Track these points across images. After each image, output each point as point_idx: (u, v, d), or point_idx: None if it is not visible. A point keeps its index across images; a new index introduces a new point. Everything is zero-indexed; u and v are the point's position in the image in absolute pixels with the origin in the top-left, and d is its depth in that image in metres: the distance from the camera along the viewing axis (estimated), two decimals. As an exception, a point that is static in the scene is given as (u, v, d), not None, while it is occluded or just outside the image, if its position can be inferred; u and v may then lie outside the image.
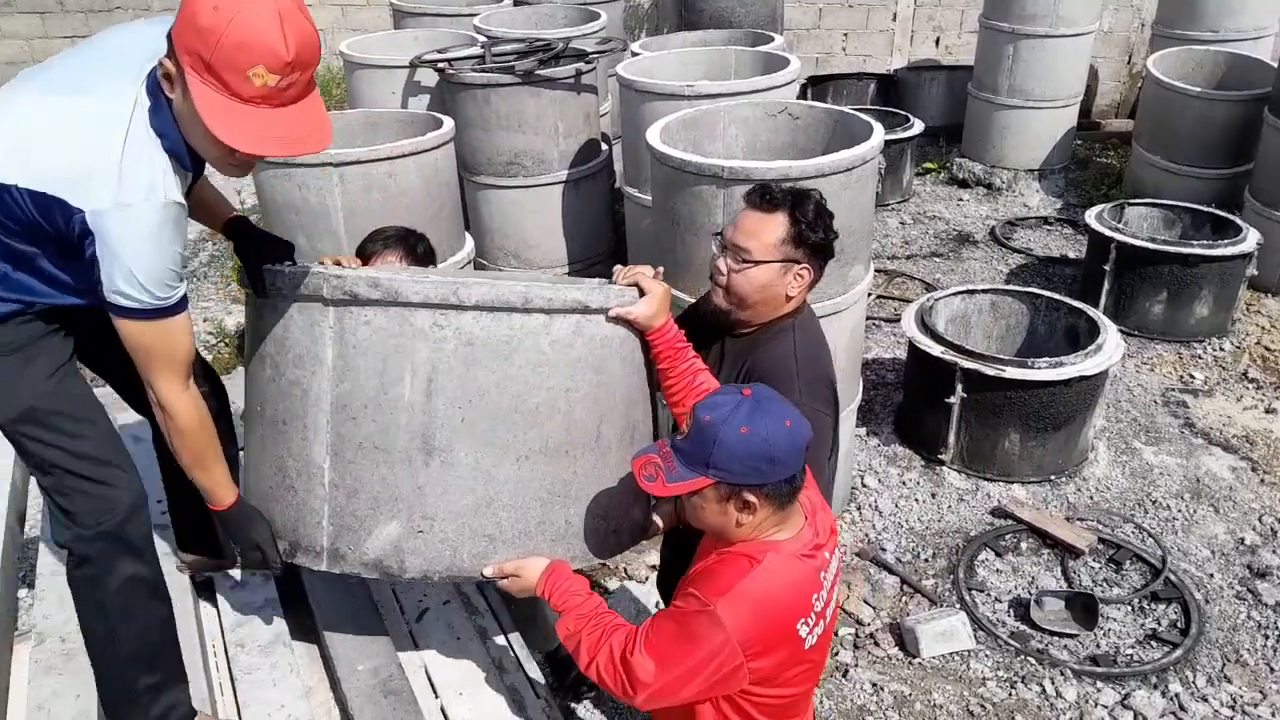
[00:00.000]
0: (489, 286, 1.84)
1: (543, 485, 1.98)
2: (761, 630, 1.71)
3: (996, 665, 3.36)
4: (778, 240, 2.11)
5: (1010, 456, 4.21)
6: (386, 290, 1.83)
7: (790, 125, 3.70)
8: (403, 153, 3.97)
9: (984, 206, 7.27)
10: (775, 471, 1.69)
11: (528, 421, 1.93)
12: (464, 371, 1.86)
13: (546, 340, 1.90)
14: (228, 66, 1.60)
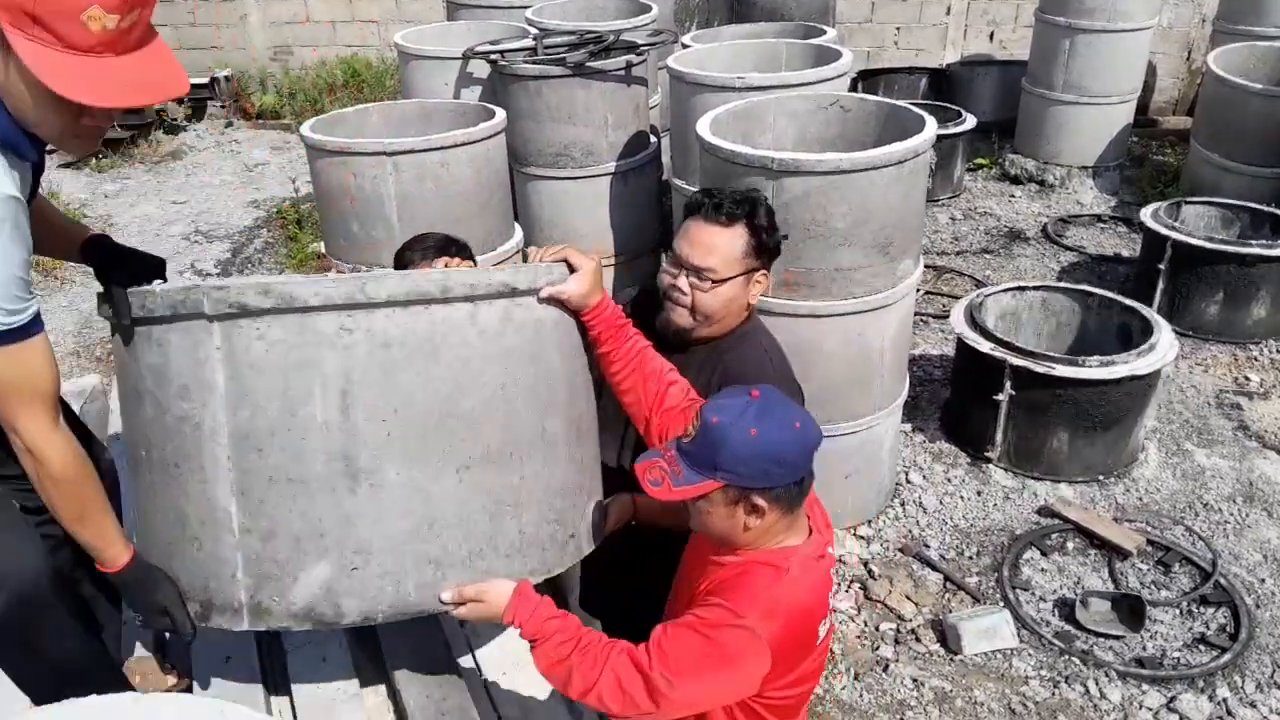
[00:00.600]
0: (400, 278, 1.64)
1: (489, 496, 1.77)
2: (793, 639, 1.71)
3: (1040, 664, 3.34)
4: (740, 254, 2.09)
5: (1058, 455, 4.17)
6: (280, 296, 1.56)
7: (841, 118, 3.69)
8: (455, 142, 4.02)
9: (1036, 203, 7.18)
10: (784, 474, 1.66)
11: (464, 426, 1.71)
12: (383, 379, 1.63)
13: (474, 331, 1.69)
14: (57, 12, 1.38)
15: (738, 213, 2.09)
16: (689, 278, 2.09)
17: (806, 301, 3.36)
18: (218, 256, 6.64)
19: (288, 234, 6.87)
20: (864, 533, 3.94)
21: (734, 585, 1.71)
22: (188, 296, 1.60)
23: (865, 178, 3.15)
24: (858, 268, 3.29)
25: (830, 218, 3.17)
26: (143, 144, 8.69)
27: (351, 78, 9.54)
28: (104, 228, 6.95)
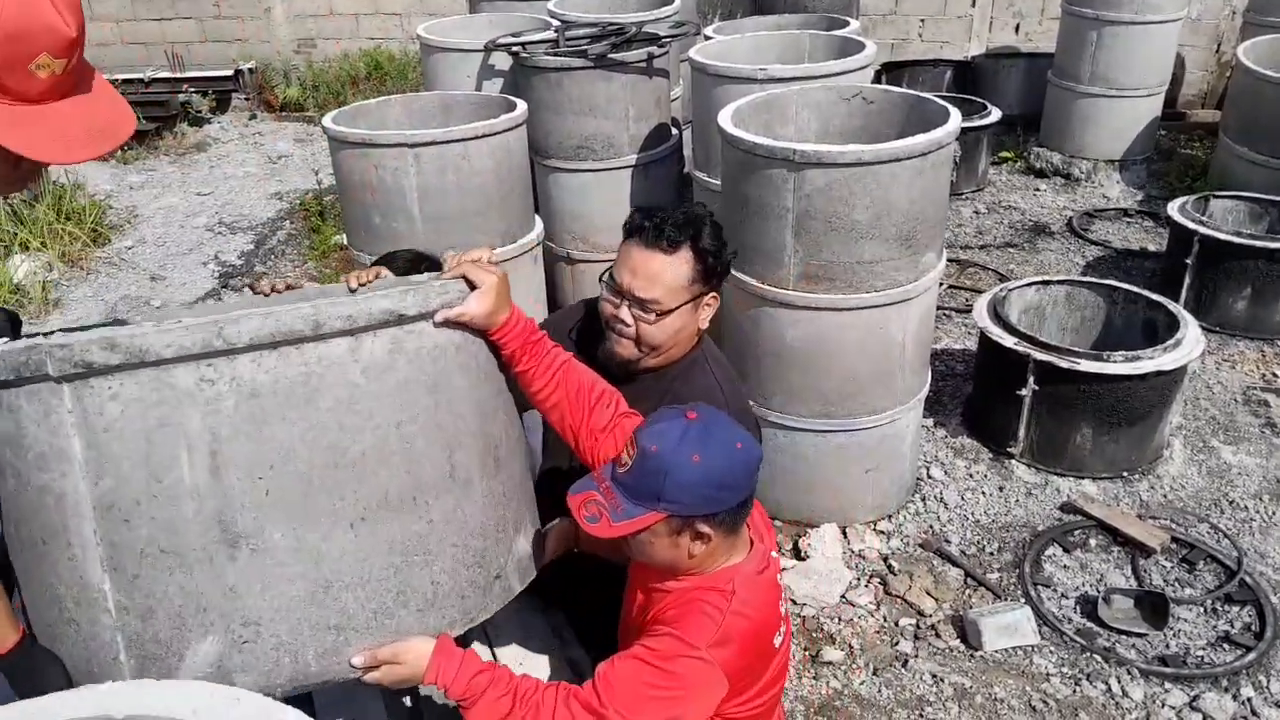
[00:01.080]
0: (263, 317, 1.42)
1: (392, 548, 1.59)
2: (747, 659, 1.68)
3: (1061, 661, 3.31)
4: (686, 281, 1.95)
5: (1082, 451, 4.13)
6: (129, 350, 1.39)
7: (864, 110, 3.66)
8: (476, 134, 4.02)
9: (1061, 197, 7.11)
10: (728, 498, 1.61)
11: (355, 475, 1.54)
12: (255, 432, 1.46)
13: (357, 369, 1.51)
14: (6, 67, 1.31)
15: (680, 238, 1.93)
16: (632, 309, 1.96)
17: (828, 295, 3.34)
18: (241, 248, 6.68)
19: (310, 226, 6.91)
20: (884, 528, 3.92)
21: (682, 615, 1.65)
22: (29, 357, 1.41)
23: (888, 170, 3.12)
24: (880, 261, 3.26)
25: (852, 210, 3.15)
26: (167, 136, 8.76)
27: (374, 70, 9.57)
28: (129, 219, 7.02)
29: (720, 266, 2.00)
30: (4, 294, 5.56)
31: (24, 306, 5.64)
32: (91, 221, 6.49)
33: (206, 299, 5.95)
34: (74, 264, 6.20)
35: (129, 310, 5.72)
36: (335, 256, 6.41)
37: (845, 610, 3.55)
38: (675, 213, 1.98)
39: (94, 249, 6.40)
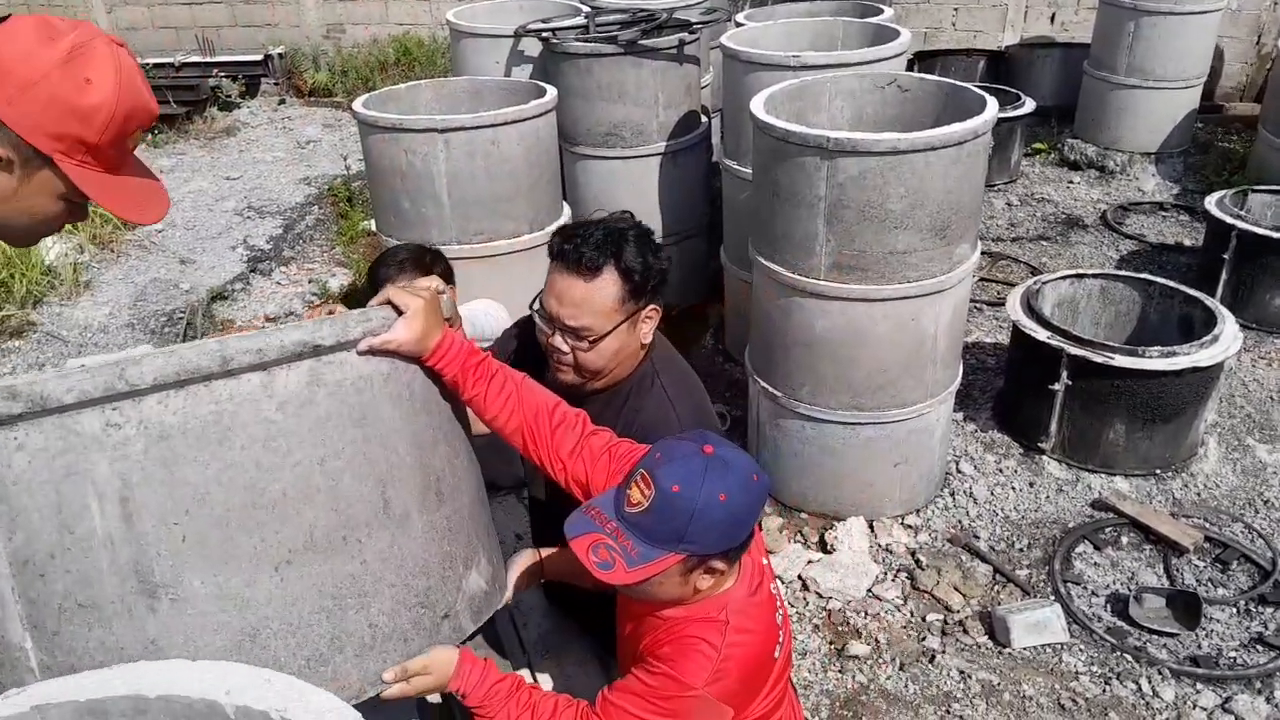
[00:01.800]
0: (166, 356, 1.36)
1: (323, 591, 1.53)
2: (747, 682, 1.65)
3: (1091, 660, 3.26)
4: (614, 303, 1.87)
5: (1114, 448, 4.07)
6: (30, 398, 1.33)
7: (899, 98, 3.62)
8: (506, 120, 4.00)
9: (1095, 190, 7.01)
10: (743, 532, 1.57)
11: (276, 516, 1.47)
12: (167, 476, 1.40)
13: (272, 405, 1.45)
14: (115, 141, 1.41)
15: (600, 259, 1.85)
16: (566, 337, 1.90)
17: (859, 285, 3.30)
18: (270, 233, 6.70)
19: (339, 211, 6.93)
20: (912, 522, 3.88)
21: (677, 653, 1.60)
22: None
23: (923, 159, 3.08)
24: (913, 251, 3.22)
25: (886, 199, 3.11)
26: (197, 120, 8.81)
27: (403, 56, 9.58)
28: (159, 202, 7.05)
29: (652, 280, 1.91)
30: (35, 275, 5.61)
31: (55, 288, 5.69)
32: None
33: (235, 283, 5.97)
34: (105, 246, 6.25)
35: (158, 294, 5.76)
36: (363, 242, 6.42)
37: (872, 604, 3.52)
38: (594, 232, 1.90)
39: (124, 232, 6.45)
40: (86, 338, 5.32)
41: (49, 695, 1.21)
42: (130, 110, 1.40)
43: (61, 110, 1.36)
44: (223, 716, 1.19)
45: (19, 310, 5.38)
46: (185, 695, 1.19)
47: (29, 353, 5.16)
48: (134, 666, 1.25)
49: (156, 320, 5.51)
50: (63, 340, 5.28)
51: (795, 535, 3.83)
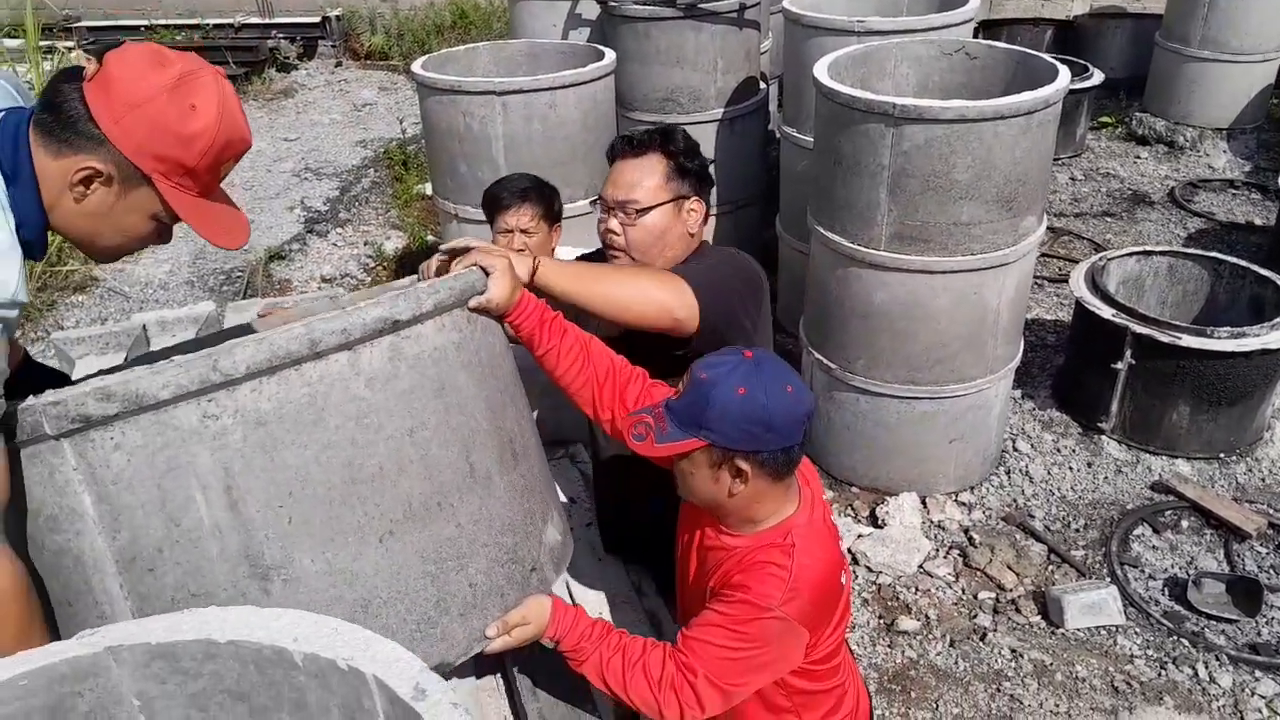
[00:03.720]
0: (256, 344, 1.37)
1: (425, 557, 1.57)
2: (819, 605, 1.68)
3: (1146, 644, 3.21)
4: (661, 180, 2.01)
5: (1177, 430, 3.98)
6: (125, 397, 1.33)
7: (966, 65, 3.53)
8: (564, 83, 3.98)
9: (1164, 165, 6.82)
10: (772, 439, 1.59)
11: (376, 489, 1.50)
12: (267, 462, 1.41)
13: (360, 383, 1.46)
14: (211, 167, 1.48)
15: (649, 141, 2.02)
16: (617, 216, 2.03)
17: (921, 256, 3.24)
18: (326, 194, 6.76)
19: (394, 175, 6.96)
20: (966, 499, 3.84)
21: (749, 577, 1.65)
22: (23, 419, 1.34)
23: (991, 128, 3.00)
24: (978, 223, 3.15)
25: (952, 169, 3.04)
26: (256, 81, 8.88)
27: (459, 19, 9.57)
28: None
29: (694, 169, 2.04)
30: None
31: (118, 244, 5.79)
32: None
33: (292, 243, 6.03)
34: (166, 205, 6.34)
35: (216, 252, 5.84)
36: (418, 206, 6.45)
37: (922, 580, 3.48)
38: (645, 129, 2.08)
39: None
40: (148, 294, 5.42)
41: (123, 637, 1.23)
42: (229, 140, 1.47)
43: (166, 133, 1.42)
44: (290, 663, 1.20)
45: (82, 266, 5.48)
46: (254, 641, 1.21)
47: (91, 307, 5.27)
48: (204, 612, 1.27)
49: (215, 279, 5.59)
50: (124, 296, 5.38)
51: (846, 509, 3.80)
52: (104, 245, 1.57)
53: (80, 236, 1.55)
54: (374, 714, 1.18)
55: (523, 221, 2.70)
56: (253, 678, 1.24)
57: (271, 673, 1.23)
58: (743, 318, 1.98)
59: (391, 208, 6.55)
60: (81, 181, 1.45)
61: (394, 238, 6.10)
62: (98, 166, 1.44)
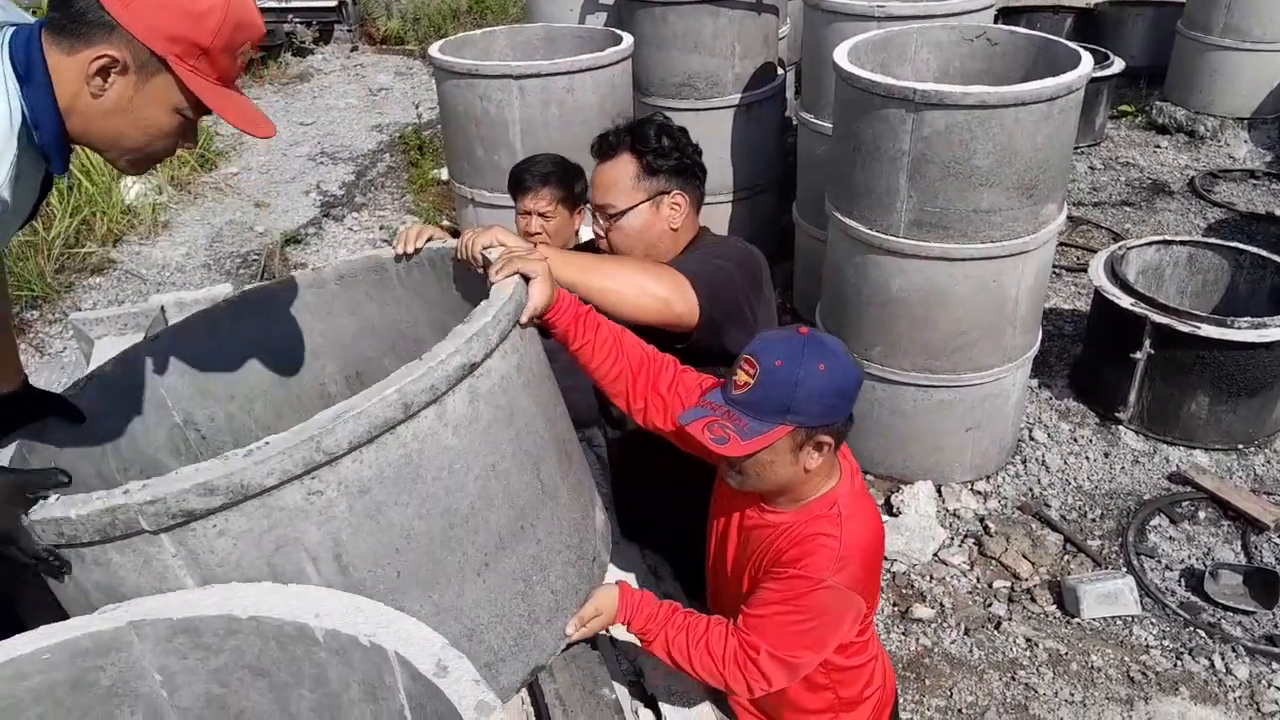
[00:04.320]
0: (355, 418, 1.36)
1: (516, 578, 1.63)
2: (869, 571, 1.71)
3: (1162, 634, 3.19)
4: (632, 181, 1.96)
5: (1196, 420, 3.95)
6: (228, 490, 1.31)
7: (987, 51, 3.50)
8: (581, 68, 3.97)
9: (1183, 155, 6.76)
10: (846, 407, 1.61)
11: (469, 529, 1.54)
12: (373, 525, 1.43)
13: (448, 432, 1.48)
14: (226, 48, 1.45)
15: (617, 142, 1.98)
16: (598, 219, 2.01)
17: (940, 244, 3.22)
18: (342, 178, 6.76)
19: (409, 160, 6.96)
20: (981, 488, 3.82)
21: (800, 550, 1.66)
22: (115, 518, 1.30)
23: (1012, 114, 2.98)
24: (997, 210, 3.13)
25: (972, 155, 3.02)
26: (272, 65, 8.88)
27: (475, 3, 9.56)
28: (234, 146, 7.16)
29: (668, 163, 1.98)
30: (116, 214, 5.73)
31: (135, 227, 5.82)
32: (199, 147, 6.64)
33: (308, 227, 6.04)
34: (182, 188, 6.36)
35: (233, 236, 5.86)
36: (433, 191, 6.45)
37: (937, 569, 3.47)
38: (622, 125, 2.04)
39: (201, 174, 6.55)
40: (164, 276, 5.44)
41: (145, 612, 1.24)
42: (240, 20, 1.43)
43: (176, 11, 1.39)
44: (311, 639, 1.21)
45: (100, 248, 5.51)
46: (276, 618, 1.21)
47: (109, 289, 5.29)
48: (226, 587, 1.28)
49: (232, 261, 5.61)
50: (141, 278, 5.40)
51: (861, 496, 3.79)
52: (129, 146, 1.53)
53: (103, 139, 1.52)
54: (395, 690, 1.19)
55: (540, 205, 2.69)
56: (274, 653, 1.25)
57: (293, 649, 1.24)
58: (745, 308, 1.96)
59: (406, 192, 6.55)
60: (98, 73, 1.42)
61: (409, 222, 6.11)
62: (113, 54, 1.41)
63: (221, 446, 2.02)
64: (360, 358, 2.12)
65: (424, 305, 2.01)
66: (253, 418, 2.07)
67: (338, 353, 2.10)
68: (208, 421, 2.01)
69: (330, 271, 2.02)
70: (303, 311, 2.05)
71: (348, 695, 1.25)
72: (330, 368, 2.12)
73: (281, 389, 2.09)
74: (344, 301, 2.05)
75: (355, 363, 2.12)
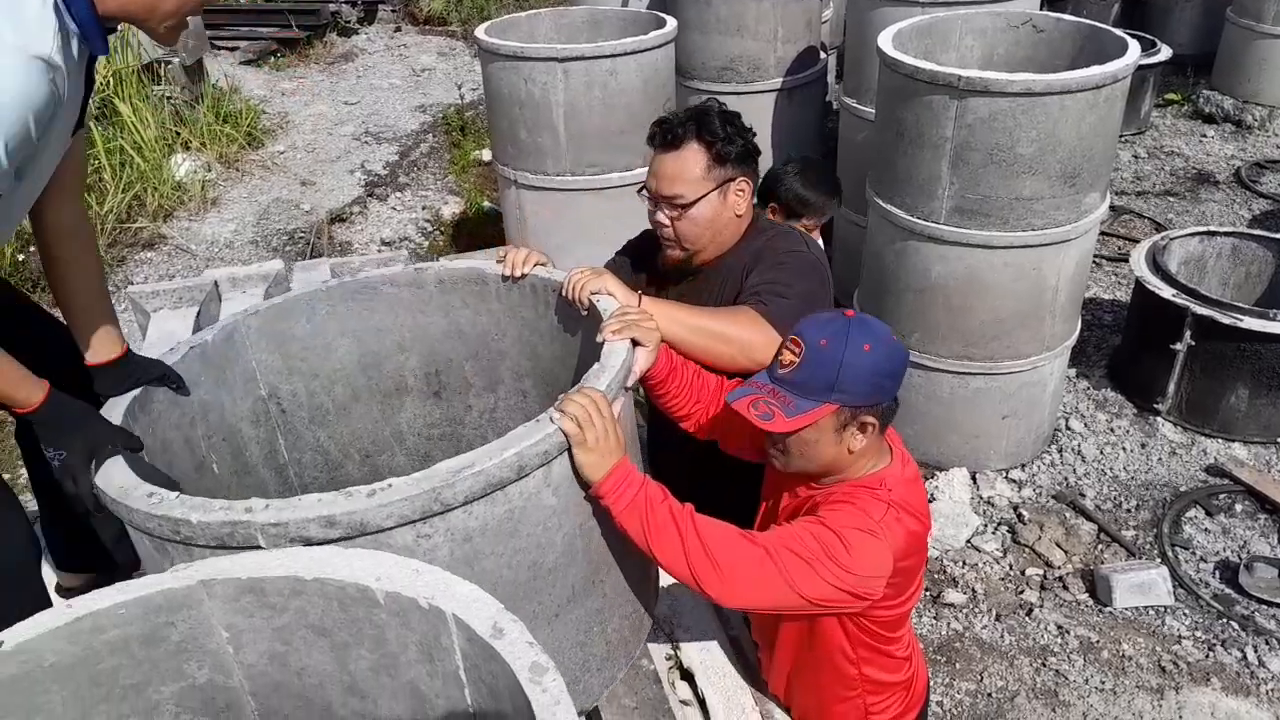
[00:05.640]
0: (474, 475, 1.43)
1: (579, 629, 1.68)
2: (908, 553, 1.66)
3: (1195, 625, 3.20)
4: (702, 171, 2.00)
5: (1235, 413, 3.93)
6: (349, 525, 1.39)
7: (1033, 39, 3.49)
8: (625, 51, 3.99)
9: (1230, 145, 6.66)
10: (891, 388, 1.62)
11: (549, 582, 1.60)
12: (468, 571, 1.49)
13: (549, 493, 1.54)
14: None
15: (684, 134, 2.00)
16: (664, 209, 2.04)
17: (981, 231, 3.22)
18: (386, 158, 6.84)
19: (451, 140, 7.02)
20: (1016, 476, 3.83)
21: (850, 496, 1.64)
22: (234, 530, 1.38)
23: (1057, 102, 2.98)
24: (1040, 198, 3.13)
25: (1016, 143, 3.02)
26: (317, 45, 8.97)
27: (518, -15, 9.58)
28: (281, 125, 7.26)
29: (735, 150, 2.01)
30: (167, 190, 5.85)
31: (184, 203, 5.93)
32: (247, 125, 6.75)
33: (353, 206, 6.13)
34: (230, 165, 6.46)
35: (280, 213, 5.95)
36: (474, 171, 6.51)
37: (970, 555, 3.50)
38: (681, 114, 2.05)
39: (249, 151, 6.66)
40: (213, 252, 5.55)
41: (215, 572, 1.30)
42: None
43: None
44: (372, 601, 1.26)
45: (151, 223, 5.63)
46: (339, 579, 1.27)
47: (160, 264, 5.41)
48: (291, 550, 1.34)
49: (279, 239, 5.70)
50: (191, 254, 5.51)
51: (895, 481, 3.82)
52: (165, 11, 1.56)
53: (140, 8, 1.55)
54: (451, 651, 1.24)
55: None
56: (335, 614, 1.31)
57: (354, 610, 1.29)
58: None
59: (449, 173, 6.62)
60: None
61: (451, 203, 6.17)
62: None
63: (298, 423, 2.13)
64: (443, 357, 2.20)
65: (515, 322, 2.09)
66: (331, 398, 2.16)
67: (423, 349, 2.18)
68: (290, 397, 2.10)
69: (432, 274, 2.09)
70: (397, 306, 2.12)
71: (405, 656, 1.30)
72: (413, 362, 2.20)
73: (362, 376, 2.17)
74: (439, 304, 2.12)
75: (437, 361, 2.20)
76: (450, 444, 2.32)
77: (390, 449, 2.28)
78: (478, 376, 2.20)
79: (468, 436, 2.30)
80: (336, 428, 2.19)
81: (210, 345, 1.92)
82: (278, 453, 2.11)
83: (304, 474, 2.17)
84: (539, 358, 2.10)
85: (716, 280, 2.10)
